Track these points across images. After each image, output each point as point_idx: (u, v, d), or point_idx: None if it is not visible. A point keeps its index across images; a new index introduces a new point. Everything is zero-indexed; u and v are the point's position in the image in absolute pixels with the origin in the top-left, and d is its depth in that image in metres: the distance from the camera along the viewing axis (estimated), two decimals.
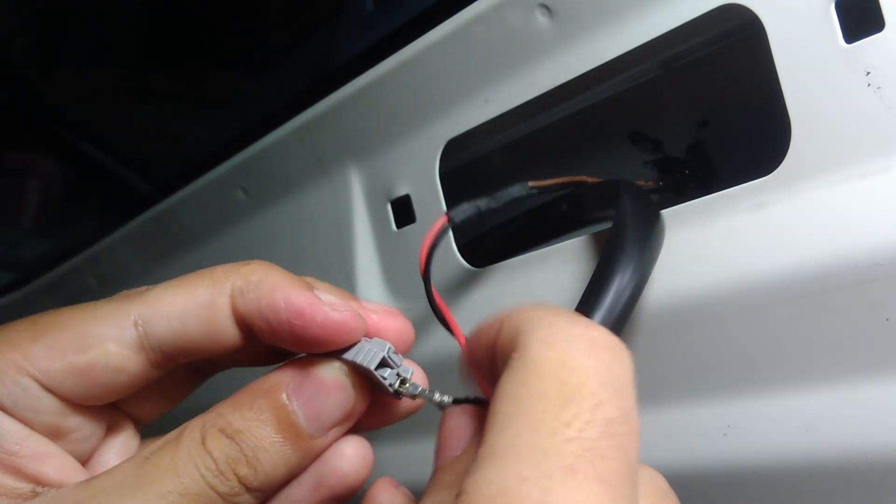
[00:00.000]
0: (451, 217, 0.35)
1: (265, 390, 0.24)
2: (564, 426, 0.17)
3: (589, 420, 0.17)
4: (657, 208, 0.33)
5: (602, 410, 0.17)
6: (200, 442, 0.23)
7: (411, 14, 0.42)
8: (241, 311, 0.24)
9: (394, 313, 0.27)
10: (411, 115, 0.43)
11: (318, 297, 0.24)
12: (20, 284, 0.82)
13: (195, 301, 0.24)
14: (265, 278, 0.25)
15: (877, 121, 0.28)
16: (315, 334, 0.24)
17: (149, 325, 0.24)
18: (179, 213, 0.61)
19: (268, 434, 0.24)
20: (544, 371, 0.18)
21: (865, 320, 0.28)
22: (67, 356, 0.24)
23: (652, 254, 0.31)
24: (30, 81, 0.72)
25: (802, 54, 0.29)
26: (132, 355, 0.24)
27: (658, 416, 0.35)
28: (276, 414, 0.24)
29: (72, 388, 0.24)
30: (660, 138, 0.46)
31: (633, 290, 0.30)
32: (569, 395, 0.17)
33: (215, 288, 0.25)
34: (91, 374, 0.24)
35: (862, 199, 0.28)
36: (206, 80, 0.65)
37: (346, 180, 0.49)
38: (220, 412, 0.24)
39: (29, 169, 0.79)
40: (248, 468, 0.23)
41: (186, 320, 0.24)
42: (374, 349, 0.25)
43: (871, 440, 0.29)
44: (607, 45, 0.35)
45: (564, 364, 0.18)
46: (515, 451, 0.17)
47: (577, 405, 0.17)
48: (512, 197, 0.36)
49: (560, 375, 0.18)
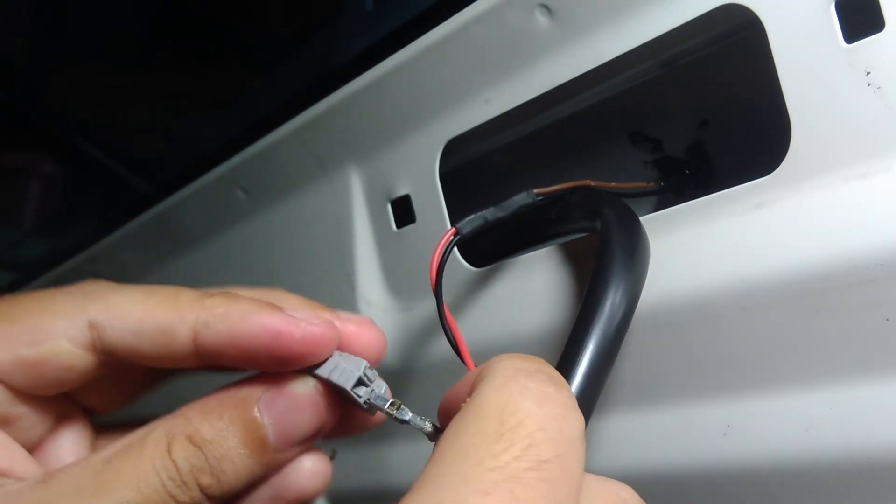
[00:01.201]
0: (458, 229, 0.34)
1: (237, 401, 0.24)
2: (492, 457, 0.17)
3: (518, 456, 0.17)
4: (639, 228, 0.32)
5: (536, 450, 0.17)
6: (166, 449, 0.23)
7: (411, 14, 0.42)
8: (206, 344, 0.24)
9: (367, 323, 0.27)
10: (411, 115, 0.43)
11: (292, 314, 0.24)
12: (20, 284, 0.82)
13: (153, 321, 0.24)
14: (231, 309, 0.24)
15: (877, 121, 0.28)
16: (296, 351, 0.24)
17: (103, 329, 0.24)
18: (179, 213, 0.61)
19: (235, 446, 0.24)
20: (487, 411, 0.18)
21: (865, 320, 0.28)
22: (18, 348, 0.24)
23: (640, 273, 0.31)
24: (30, 81, 0.72)
25: (802, 54, 0.29)
26: (83, 354, 0.24)
27: (658, 417, 0.35)
28: (245, 426, 0.24)
29: (20, 381, 0.24)
30: (660, 138, 0.46)
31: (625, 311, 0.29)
32: (504, 432, 0.17)
33: (177, 315, 0.24)
34: (40, 368, 0.24)
35: (862, 199, 0.28)
36: (206, 80, 0.65)
37: (346, 180, 0.49)
38: (188, 417, 0.24)
39: (29, 169, 0.79)
40: (210, 478, 0.23)
41: (141, 336, 0.24)
42: (349, 368, 0.25)
43: (871, 440, 0.29)
44: (607, 45, 0.35)
45: (507, 406, 0.18)
46: (440, 479, 0.17)
47: (509, 441, 0.17)
48: (518, 205, 0.36)
49: (500, 416, 0.18)
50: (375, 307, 0.48)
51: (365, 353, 0.26)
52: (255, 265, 0.57)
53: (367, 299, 0.48)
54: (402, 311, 0.47)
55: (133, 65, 0.67)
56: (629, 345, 0.35)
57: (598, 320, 0.28)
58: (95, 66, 0.67)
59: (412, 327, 0.45)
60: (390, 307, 0.47)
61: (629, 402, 0.36)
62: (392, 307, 0.47)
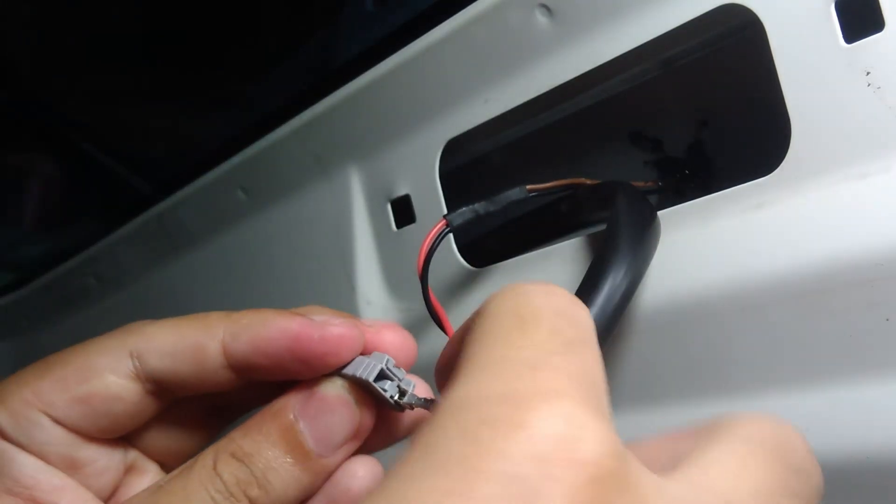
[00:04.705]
0: (449, 221, 0.35)
1: (273, 413, 0.25)
2: (526, 339, 0.17)
3: (548, 336, 0.17)
4: (652, 208, 0.33)
5: (561, 331, 0.17)
6: (212, 467, 0.24)
7: (411, 14, 0.42)
8: (236, 355, 0.25)
9: (392, 326, 0.28)
10: (411, 115, 0.43)
11: (311, 318, 0.25)
12: (20, 284, 0.82)
13: (184, 343, 0.26)
14: (255, 320, 0.25)
15: (877, 121, 0.28)
16: (316, 351, 0.25)
17: (143, 357, 0.26)
18: (179, 213, 0.61)
19: (277, 455, 0.24)
20: (501, 311, 0.18)
21: (865, 320, 0.28)
22: (71, 388, 0.25)
23: (646, 254, 0.31)
24: (30, 81, 0.72)
25: (802, 54, 0.29)
26: (129, 384, 0.26)
27: (658, 417, 0.35)
28: (283, 435, 0.25)
29: (78, 419, 0.26)
30: (660, 138, 0.46)
31: (627, 288, 0.30)
32: (526, 320, 0.17)
33: (206, 332, 0.26)
34: (92, 402, 0.25)
35: (862, 199, 0.28)
36: (206, 80, 0.65)
37: (346, 180, 0.49)
38: (231, 437, 0.25)
39: (29, 169, 0.79)
40: (258, 489, 0.24)
41: (177, 358, 0.26)
42: (372, 362, 0.25)
43: (871, 440, 0.29)
44: (607, 45, 0.35)
45: (518, 302, 0.18)
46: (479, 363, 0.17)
47: (534, 327, 0.17)
48: (510, 200, 0.36)
49: (516, 310, 0.18)
50: (375, 307, 0.48)
51: (392, 355, 0.27)
52: (255, 265, 0.57)
53: (367, 299, 0.48)
54: (402, 311, 0.47)
55: (133, 65, 0.67)
56: (629, 345, 0.35)
57: (598, 295, 0.28)
58: (95, 66, 0.67)
59: (412, 327, 0.45)
60: (390, 307, 0.47)
61: (629, 402, 0.36)
62: (392, 307, 0.47)
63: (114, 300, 0.73)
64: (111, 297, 0.74)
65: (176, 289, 0.66)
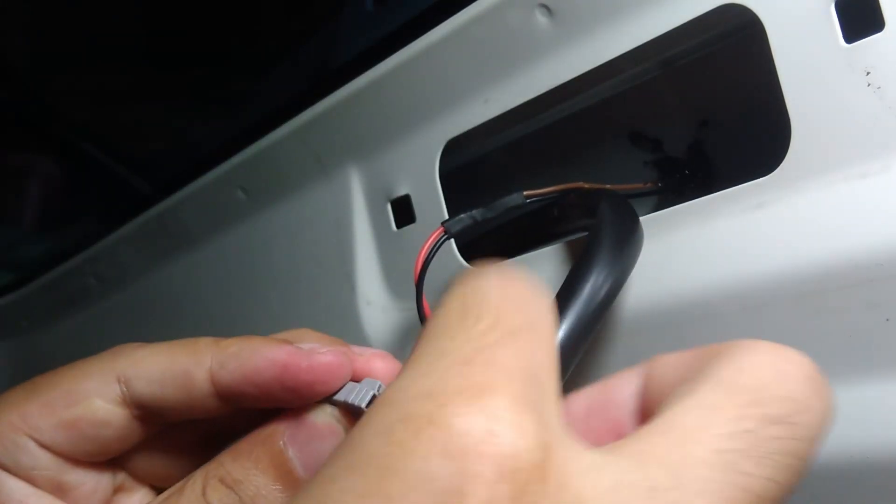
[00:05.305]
0: (447, 228, 0.35)
1: (262, 439, 0.25)
2: (464, 331, 0.17)
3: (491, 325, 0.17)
4: (634, 214, 0.33)
5: (505, 319, 0.17)
6: (201, 493, 0.24)
7: (411, 14, 0.42)
8: (223, 384, 0.25)
9: (382, 355, 0.27)
10: (411, 115, 0.43)
11: (298, 347, 0.25)
12: (20, 284, 0.82)
13: (172, 370, 0.25)
14: (243, 349, 0.25)
15: (877, 121, 0.28)
16: (304, 380, 0.24)
17: (130, 383, 0.26)
18: (179, 213, 0.61)
19: (265, 483, 0.24)
20: (450, 299, 0.18)
21: (865, 320, 0.28)
22: (58, 412, 0.25)
23: (626, 258, 0.31)
24: (30, 81, 0.72)
25: (802, 54, 0.29)
26: (116, 410, 0.26)
27: None
28: (272, 462, 0.24)
29: (64, 443, 0.25)
30: (660, 138, 0.46)
31: (607, 293, 0.29)
32: (468, 308, 0.17)
33: (194, 360, 0.25)
34: (79, 426, 0.25)
35: (862, 199, 0.28)
36: (206, 80, 0.65)
37: (346, 180, 0.49)
38: (220, 461, 0.25)
39: (29, 169, 0.79)
40: None
41: (164, 384, 0.25)
42: (363, 388, 0.25)
43: (871, 440, 0.29)
44: (607, 45, 0.35)
45: (467, 289, 0.18)
46: (417, 360, 0.17)
47: (476, 316, 0.17)
48: (507, 206, 0.36)
49: (462, 298, 0.18)
50: (375, 307, 0.48)
51: (386, 382, 0.27)
52: (255, 265, 0.57)
53: (367, 299, 0.48)
54: (401, 311, 0.47)
55: (133, 65, 0.67)
56: (629, 345, 0.35)
57: (576, 299, 0.28)
58: (95, 66, 0.67)
59: (412, 327, 0.45)
60: (390, 307, 0.47)
61: None
62: (392, 307, 0.47)
63: (114, 300, 0.74)
64: (111, 297, 0.74)
65: (176, 289, 0.66)
